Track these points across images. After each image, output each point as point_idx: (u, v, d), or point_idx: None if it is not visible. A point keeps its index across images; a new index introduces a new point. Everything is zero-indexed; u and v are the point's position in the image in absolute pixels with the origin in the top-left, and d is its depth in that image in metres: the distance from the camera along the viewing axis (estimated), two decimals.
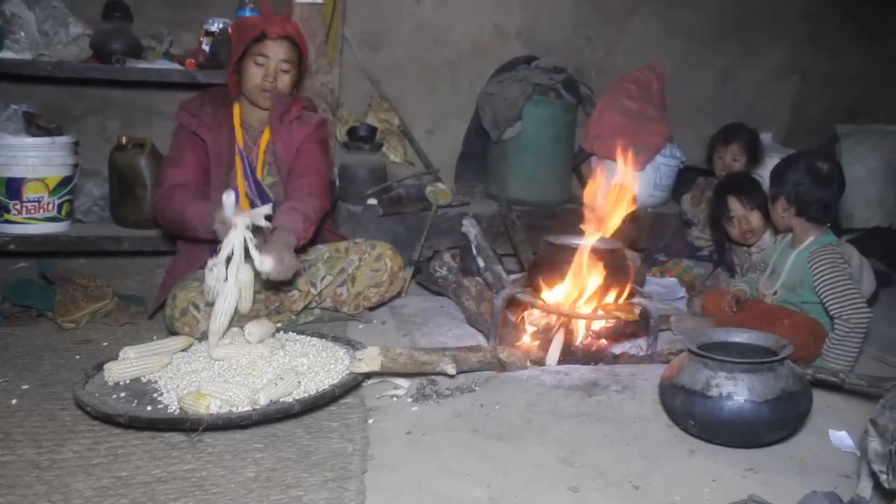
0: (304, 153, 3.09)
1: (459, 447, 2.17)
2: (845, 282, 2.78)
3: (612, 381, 2.60)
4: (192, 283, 2.92)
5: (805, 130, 5.26)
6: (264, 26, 2.97)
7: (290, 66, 3.05)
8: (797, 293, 2.92)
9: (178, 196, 2.90)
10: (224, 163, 3.04)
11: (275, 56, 3.00)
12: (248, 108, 3.13)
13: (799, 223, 2.95)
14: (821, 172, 2.89)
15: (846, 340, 2.73)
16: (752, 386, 2.15)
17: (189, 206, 2.86)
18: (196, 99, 3.11)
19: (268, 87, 3.02)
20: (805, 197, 2.88)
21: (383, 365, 2.41)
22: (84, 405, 2.19)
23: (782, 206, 2.95)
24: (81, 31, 3.62)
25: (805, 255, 2.89)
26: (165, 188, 2.96)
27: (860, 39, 5.39)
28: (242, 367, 2.40)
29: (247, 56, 3.00)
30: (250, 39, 2.97)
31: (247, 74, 3.02)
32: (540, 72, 4.38)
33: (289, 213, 2.84)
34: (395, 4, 4.50)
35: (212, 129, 3.03)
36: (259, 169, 3.11)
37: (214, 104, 3.08)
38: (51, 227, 3.60)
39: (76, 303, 3.06)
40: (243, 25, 3.06)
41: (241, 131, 3.12)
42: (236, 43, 3.03)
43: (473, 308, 3.15)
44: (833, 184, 2.89)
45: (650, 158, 4.36)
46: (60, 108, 4.03)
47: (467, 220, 3.52)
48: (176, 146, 3.08)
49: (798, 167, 2.92)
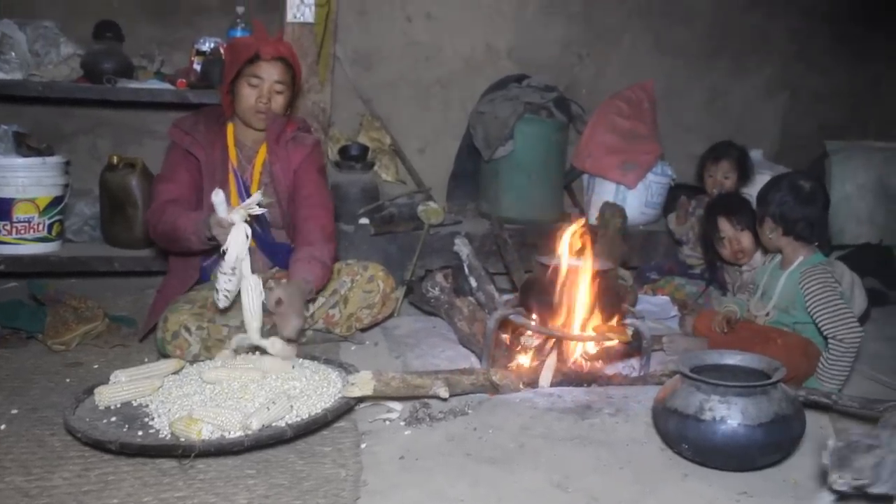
0: (307, 184, 3.08)
1: (453, 472, 2.16)
2: (837, 301, 2.79)
3: (606, 404, 2.59)
4: (183, 306, 2.90)
5: (795, 147, 5.29)
6: (258, 47, 2.96)
7: (283, 87, 3.04)
8: (790, 314, 2.93)
9: (169, 210, 2.89)
10: (217, 181, 3.02)
11: (269, 77, 2.99)
12: (241, 128, 3.12)
13: (787, 243, 2.96)
14: (803, 190, 2.91)
15: (841, 360, 2.73)
16: (746, 409, 2.15)
17: (180, 216, 2.85)
18: (190, 117, 3.10)
19: (262, 109, 3.00)
20: (790, 216, 2.90)
21: (376, 389, 2.40)
22: (74, 431, 2.17)
23: (769, 226, 2.96)
24: (72, 51, 3.61)
25: (796, 276, 2.90)
26: (157, 204, 2.95)
27: (847, 57, 5.43)
28: (234, 391, 2.38)
29: (240, 77, 2.98)
30: (244, 60, 2.96)
31: (240, 95, 3.00)
32: (531, 90, 4.39)
33: (310, 262, 2.86)
34: (387, 23, 4.51)
35: (205, 147, 3.02)
36: (254, 189, 3.10)
37: (208, 123, 3.07)
38: (41, 248, 3.58)
39: (67, 324, 3.04)
40: (236, 46, 3.06)
41: (235, 150, 3.11)
42: (229, 64, 3.02)
43: (466, 329, 3.15)
44: (816, 201, 2.91)
45: (641, 176, 4.38)
46: (51, 127, 4.02)
47: (459, 240, 3.51)
48: (169, 163, 3.07)
49: (781, 187, 2.94)
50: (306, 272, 2.81)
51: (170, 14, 4.11)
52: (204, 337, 2.84)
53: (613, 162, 4.39)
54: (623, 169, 4.36)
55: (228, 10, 3.92)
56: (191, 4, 4.13)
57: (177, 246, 2.93)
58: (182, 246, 2.90)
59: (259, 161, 3.11)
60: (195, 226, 2.77)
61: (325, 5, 3.89)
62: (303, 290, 2.74)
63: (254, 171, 3.10)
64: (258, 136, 3.11)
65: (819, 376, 2.76)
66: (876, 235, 4.61)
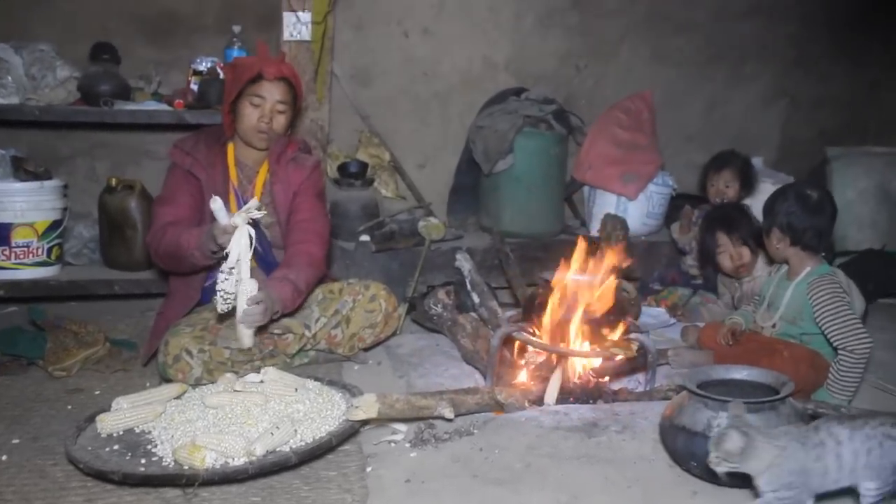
0: (304, 208, 3.06)
1: (459, 494, 2.14)
2: (847, 312, 2.76)
3: (612, 421, 2.57)
4: (184, 329, 2.88)
5: (795, 154, 5.27)
6: (260, 67, 2.96)
7: (285, 107, 3.04)
8: (797, 325, 2.90)
9: (170, 231, 2.88)
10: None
11: (271, 97, 2.99)
12: (242, 148, 3.11)
13: (795, 253, 2.94)
14: (810, 200, 2.88)
15: (852, 371, 2.71)
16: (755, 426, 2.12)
17: (182, 234, 2.84)
18: (191, 138, 3.09)
19: (263, 129, 3.00)
20: (797, 226, 2.87)
21: (380, 412, 2.38)
22: (77, 461, 2.15)
23: (777, 237, 2.93)
24: (69, 74, 3.60)
25: (804, 287, 2.87)
26: (158, 226, 2.94)
27: (846, 63, 5.42)
28: (237, 416, 2.35)
29: (242, 97, 2.98)
30: (246, 80, 2.96)
31: (242, 115, 3.00)
32: (530, 103, 4.38)
33: (281, 282, 2.83)
34: (384, 39, 4.51)
35: (206, 167, 3.01)
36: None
37: (209, 143, 3.06)
38: (40, 272, 3.57)
39: (67, 350, 3.01)
40: (239, 66, 3.05)
41: (236, 170, 3.10)
42: (231, 83, 3.02)
43: (469, 346, 3.13)
44: (824, 210, 2.88)
45: (642, 187, 4.36)
46: (49, 150, 4.00)
47: (461, 255, 3.49)
48: (169, 185, 3.05)
49: (787, 197, 2.91)
50: (273, 289, 2.78)
51: (166, 34, 4.10)
52: (206, 360, 2.82)
53: (614, 173, 4.38)
54: (624, 180, 4.35)
55: (225, 30, 3.92)
56: (187, 25, 4.13)
57: (181, 265, 2.92)
58: (187, 263, 2.89)
59: (260, 181, 3.10)
60: (198, 240, 2.77)
61: (321, 23, 3.88)
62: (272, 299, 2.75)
63: (255, 191, 3.09)
64: (259, 156, 3.10)
65: (829, 387, 2.74)
66: (878, 241, 4.59)
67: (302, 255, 2.96)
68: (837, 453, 1.93)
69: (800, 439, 1.94)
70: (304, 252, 2.97)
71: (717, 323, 3.27)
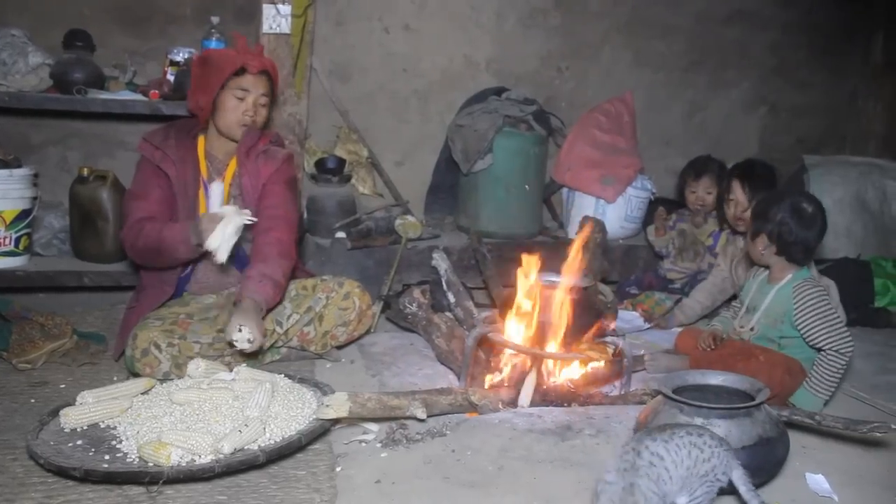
0: (272, 195, 3.02)
1: (430, 496, 2.11)
2: (832, 314, 2.77)
3: (586, 425, 2.54)
4: (153, 322, 2.83)
5: (773, 161, 5.16)
6: (244, 61, 2.92)
7: (266, 100, 3.03)
8: (776, 328, 2.89)
9: (148, 226, 2.85)
10: (190, 196, 2.98)
11: (255, 90, 2.97)
12: (213, 140, 3.07)
13: (777, 261, 2.93)
14: (804, 213, 2.84)
15: (838, 372, 2.72)
16: (729, 432, 2.11)
17: (164, 228, 2.83)
18: (160, 131, 3.04)
19: (247, 122, 2.99)
20: (787, 238, 2.85)
21: (351, 411, 2.34)
22: (37, 457, 2.09)
23: (763, 243, 2.92)
24: (41, 61, 3.52)
25: (788, 290, 2.86)
26: (133, 221, 2.89)
27: (825, 73, 5.46)
28: (205, 413, 2.31)
29: (224, 90, 2.95)
30: (230, 73, 2.92)
31: (224, 109, 2.97)
32: (510, 103, 4.35)
33: (261, 282, 2.81)
34: (364, 35, 4.46)
35: (175, 162, 2.96)
36: (225, 202, 3.04)
37: (179, 136, 3.02)
38: (7, 262, 3.50)
39: (33, 342, 2.95)
40: (218, 59, 2.98)
41: (206, 163, 3.06)
42: (212, 76, 2.95)
43: (444, 346, 3.10)
44: (815, 226, 2.86)
45: (621, 190, 4.35)
46: (19, 138, 3.92)
47: (437, 254, 3.46)
48: (140, 179, 3.01)
49: (782, 207, 2.86)
50: (256, 292, 2.77)
51: (142, 24, 4.03)
52: (175, 354, 2.77)
53: (593, 176, 4.36)
54: (603, 183, 4.33)
55: (203, 21, 3.87)
56: (164, 14, 4.06)
57: (161, 259, 2.89)
58: (168, 258, 2.87)
59: (229, 173, 3.06)
60: (183, 234, 2.77)
61: (301, 16, 3.83)
62: (256, 306, 2.74)
63: (224, 184, 3.04)
64: (229, 149, 3.06)
65: (812, 386, 2.73)
66: (854, 250, 4.61)
67: (272, 245, 2.92)
68: (666, 468, 1.86)
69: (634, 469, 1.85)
70: (273, 241, 2.93)
71: (695, 329, 3.26)
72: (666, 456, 1.86)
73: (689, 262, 4.07)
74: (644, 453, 1.86)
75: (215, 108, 2.98)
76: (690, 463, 1.87)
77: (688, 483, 1.88)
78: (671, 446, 1.88)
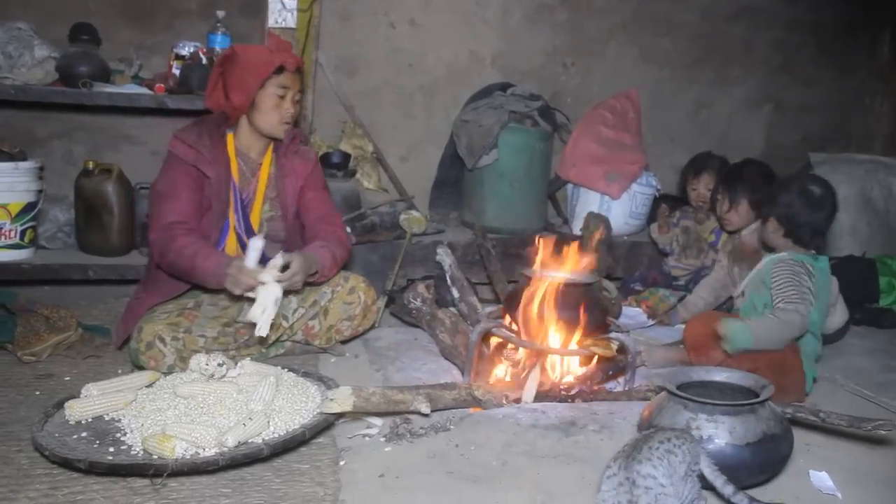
0: (320, 202, 3.13)
1: (433, 491, 2.11)
2: (799, 288, 2.77)
3: (590, 420, 2.55)
4: (159, 315, 2.83)
5: (779, 159, 5.24)
6: (282, 59, 2.90)
7: (300, 96, 3.02)
8: (760, 293, 2.90)
9: (181, 238, 2.78)
10: (223, 199, 2.94)
11: (293, 88, 2.96)
12: (245, 139, 3.02)
13: (785, 244, 2.94)
14: (812, 196, 2.88)
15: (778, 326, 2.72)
16: (734, 429, 2.11)
17: (198, 255, 2.75)
18: (192, 129, 2.95)
19: (288, 120, 2.98)
20: (795, 220, 2.87)
21: (356, 405, 2.34)
22: (42, 448, 2.09)
23: (773, 226, 2.94)
24: (47, 54, 3.52)
25: (774, 260, 2.89)
26: (165, 225, 2.83)
27: (831, 70, 5.45)
28: (209, 406, 2.31)
29: (262, 88, 2.90)
30: (270, 71, 2.89)
31: (265, 108, 2.93)
32: (515, 99, 4.35)
33: (321, 248, 2.91)
34: (370, 30, 4.46)
35: (212, 162, 2.91)
36: (259, 202, 3.04)
37: (211, 135, 2.95)
38: (12, 255, 3.50)
39: (38, 335, 2.95)
40: (254, 57, 2.92)
41: (237, 162, 3.01)
42: (249, 75, 2.88)
43: (448, 340, 3.10)
44: (824, 208, 2.88)
45: (626, 187, 4.35)
46: (25, 131, 3.93)
47: (442, 249, 3.46)
48: (169, 178, 2.91)
49: (790, 189, 2.90)
50: (316, 253, 2.88)
51: (148, 18, 4.03)
52: (179, 348, 2.77)
53: (598, 172, 4.36)
54: (608, 179, 4.33)
55: (209, 15, 3.87)
56: (170, 8, 4.05)
57: (187, 279, 2.85)
58: (194, 282, 2.84)
59: (263, 174, 3.04)
60: (215, 268, 2.73)
61: (307, 10, 3.84)
62: (311, 261, 2.84)
63: (258, 185, 3.03)
64: (261, 147, 3.05)
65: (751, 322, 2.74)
66: (858, 247, 4.60)
67: (332, 236, 3.03)
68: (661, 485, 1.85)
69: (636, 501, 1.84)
70: (332, 233, 3.05)
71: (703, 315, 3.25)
72: (657, 473, 1.85)
73: (693, 259, 4.07)
74: (639, 480, 1.83)
75: (252, 106, 2.93)
76: (673, 470, 1.87)
77: (678, 489, 1.87)
78: (656, 462, 1.86)
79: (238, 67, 2.91)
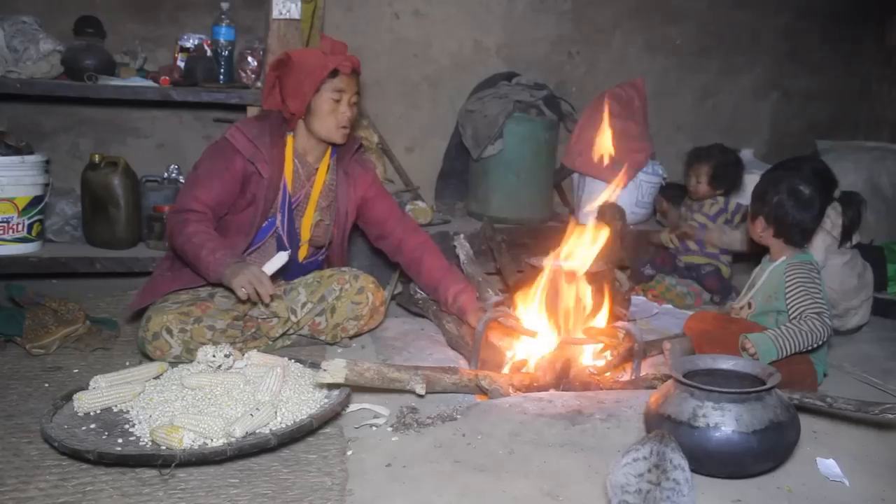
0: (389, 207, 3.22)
1: (440, 481, 2.11)
2: (816, 294, 2.75)
3: (597, 409, 2.54)
4: (170, 306, 2.82)
5: (786, 146, 5.26)
6: (337, 63, 2.88)
7: (357, 99, 3.00)
8: (770, 304, 2.88)
9: (192, 225, 2.79)
10: (270, 199, 2.95)
11: (350, 91, 2.94)
12: (304, 143, 3.02)
13: (776, 243, 2.92)
14: (801, 196, 2.84)
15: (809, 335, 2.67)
16: (740, 416, 2.10)
17: (205, 247, 2.75)
18: (255, 124, 2.96)
19: (346, 124, 2.96)
20: (784, 220, 2.84)
21: (348, 378, 2.34)
22: (51, 440, 2.10)
23: (761, 225, 2.92)
24: (52, 48, 3.53)
25: (782, 268, 2.86)
26: (182, 208, 2.84)
27: (838, 57, 5.43)
28: (217, 397, 2.33)
29: (317, 93, 2.89)
30: (326, 75, 2.87)
31: (321, 113, 2.92)
32: (521, 88, 4.34)
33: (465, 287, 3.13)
34: (374, 20, 4.46)
35: (269, 162, 2.90)
36: (312, 208, 3.05)
37: (272, 134, 2.94)
38: (20, 248, 3.52)
39: (46, 327, 2.96)
40: (309, 61, 2.90)
41: (294, 165, 3.01)
42: (304, 80, 2.88)
43: (454, 331, 3.10)
44: (813, 207, 2.85)
45: (632, 176, 4.34)
46: (31, 125, 3.94)
47: (459, 241, 3.49)
48: (211, 165, 2.90)
49: (779, 189, 2.86)
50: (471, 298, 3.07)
51: (152, 10, 4.03)
52: (186, 340, 2.77)
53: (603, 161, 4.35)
54: (614, 168, 4.31)
55: (213, 7, 3.86)
56: (174, 0, 4.05)
57: (191, 267, 2.86)
58: (193, 269, 2.84)
59: (319, 180, 3.04)
60: (216, 267, 2.72)
61: (311, 1, 3.82)
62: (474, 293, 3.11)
63: (312, 191, 3.04)
64: (319, 153, 3.05)
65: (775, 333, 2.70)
66: (866, 235, 4.58)
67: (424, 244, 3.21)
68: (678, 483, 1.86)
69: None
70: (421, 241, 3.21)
71: (704, 312, 3.25)
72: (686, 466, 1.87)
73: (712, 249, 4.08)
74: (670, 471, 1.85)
75: (308, 111, 2.93)
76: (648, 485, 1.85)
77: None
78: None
79: (293, 73, 2.90)
